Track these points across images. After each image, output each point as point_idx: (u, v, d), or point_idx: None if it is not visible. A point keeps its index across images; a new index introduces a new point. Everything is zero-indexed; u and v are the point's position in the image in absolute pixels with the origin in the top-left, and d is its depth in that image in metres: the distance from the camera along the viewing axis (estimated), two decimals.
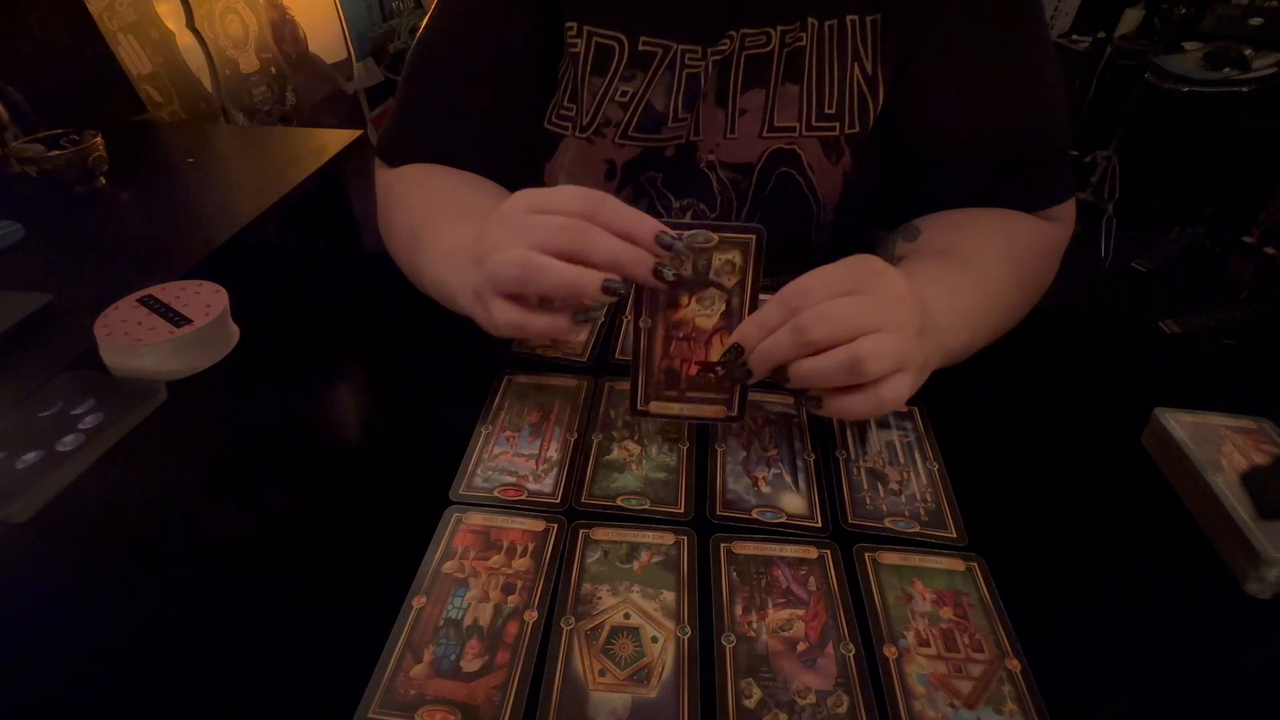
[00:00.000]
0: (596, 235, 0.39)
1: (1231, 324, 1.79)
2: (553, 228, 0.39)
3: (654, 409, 0.46)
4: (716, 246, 0.41)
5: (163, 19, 1.36)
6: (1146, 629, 0.38)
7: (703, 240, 0.41)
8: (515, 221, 0.40)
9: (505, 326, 0.41)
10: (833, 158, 0.60)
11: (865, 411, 0.40)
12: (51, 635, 0.36)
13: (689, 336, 0.44)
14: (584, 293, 0.39)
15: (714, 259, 0.42)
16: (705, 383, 0.45)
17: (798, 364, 0.39)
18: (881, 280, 0.39)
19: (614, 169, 0.62)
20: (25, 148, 0.96)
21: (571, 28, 0.57)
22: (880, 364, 0.37)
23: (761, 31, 0.56)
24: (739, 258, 0.42)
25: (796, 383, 0.40)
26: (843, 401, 0.40)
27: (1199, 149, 2.33)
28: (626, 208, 0.40)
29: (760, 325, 0.40)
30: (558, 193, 0.40)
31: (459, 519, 0.42)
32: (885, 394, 0.38)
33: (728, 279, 0.42)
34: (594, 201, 0.39)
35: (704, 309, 0.43)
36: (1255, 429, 0.47)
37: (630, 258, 0.39)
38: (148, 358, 0.52)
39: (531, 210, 0.40)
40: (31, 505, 0.42)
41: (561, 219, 0.39)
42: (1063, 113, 0.57)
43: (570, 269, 0.38)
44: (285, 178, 1.05)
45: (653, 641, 0.35)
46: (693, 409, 0.46)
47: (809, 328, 0.38)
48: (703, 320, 0.43)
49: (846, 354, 0.37)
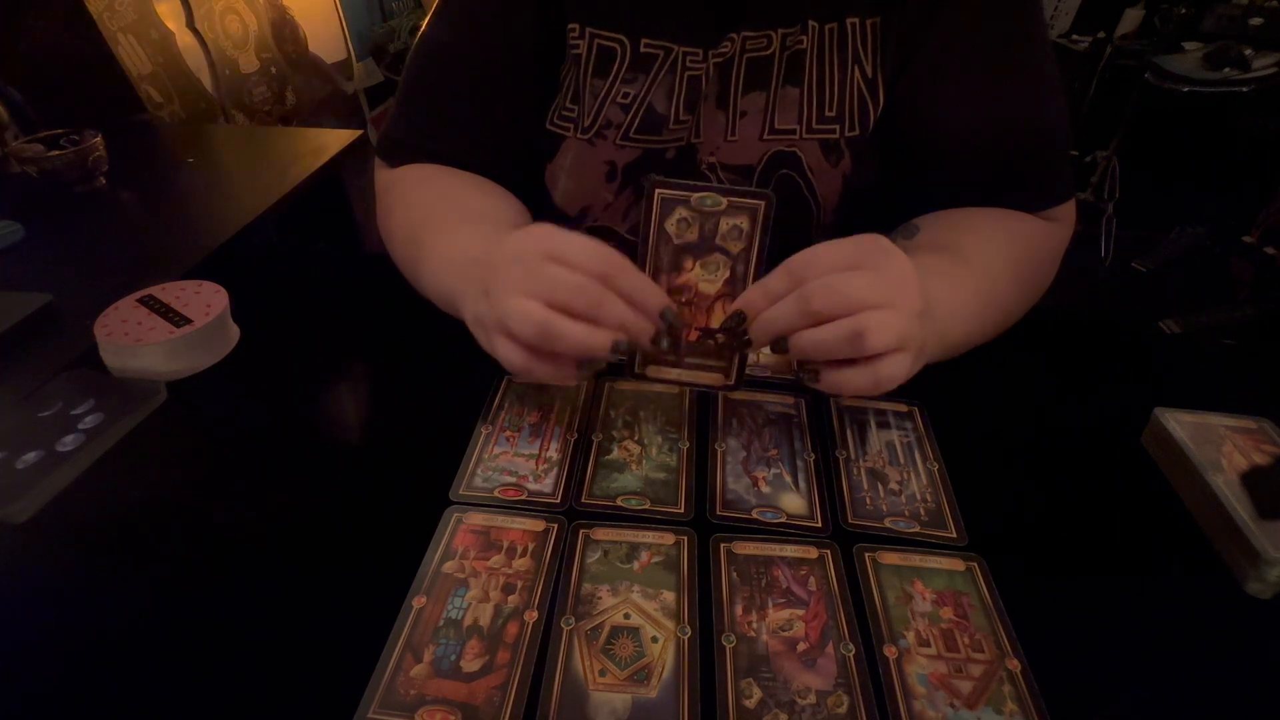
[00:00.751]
0: (610, 302, 0.39)
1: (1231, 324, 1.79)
2: (569, 287, 0.38)
3: (651, 373, 0.46)
4: (725, 210, 0.41)
5: (163, 19, 1.35)
6: (1146, 629, 0.38)
7: (711, 204, 0.41)
8: (530, 266, 0.39)
9: (508, 366, 0.41)
10: (833, 160, 0.60)
11: (861, 387, 0.39)
12: (51, 635, 0.36)
13: (691, 301, 0.43)
14: (594, 354, 0.40)
15: (721, 223, 0.42)
16: (705, 349, 0.45)
17: (800, 334, 0.39)
18: (888, 259, 0.39)
19: (615, 170, 0.62)
20: (25, 148, 0.96)
21: (574, 29, 0.57)
22: (882, 338, 0.37)
23: (762, 34, 0.56)
24: (746, 224, 0.41)
25: (796, 353, 0.40)
26: (840, 375, 0.40)
27: (1199, 149, 2.33)
28: (637, 273, 0.41)
29: (764, 293, 0.40)
30: (574, 244, 0.40)
31: (459, 519, 0.42)
32: (883, 371, 0.38)
33: (733, 245, 0.42)
34: (611, 265, 0.39)
35: (708, 274, 0.43)
36: (1255, 429, 0.47)
37: (635, 325, 0.40)
38: (148, 358, 0.52)
39: (549, 258, 0.39)
40: (31, 505, 0.42)
41: (579, 279, 0.39)
42: (1062, 113, 0.57)
43: (585, 332, 0.39)
44: (285, 178, 1.05)
45: (653, 641, 0.35)
46: (690, 375, 0.46)
47: (814, 297, 0.38)
48: (706, 285, 0.43)
49: (849, 326, 0.37)
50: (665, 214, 0.42)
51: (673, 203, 0.42)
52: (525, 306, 0.38)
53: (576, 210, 0.65)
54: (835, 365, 0.40)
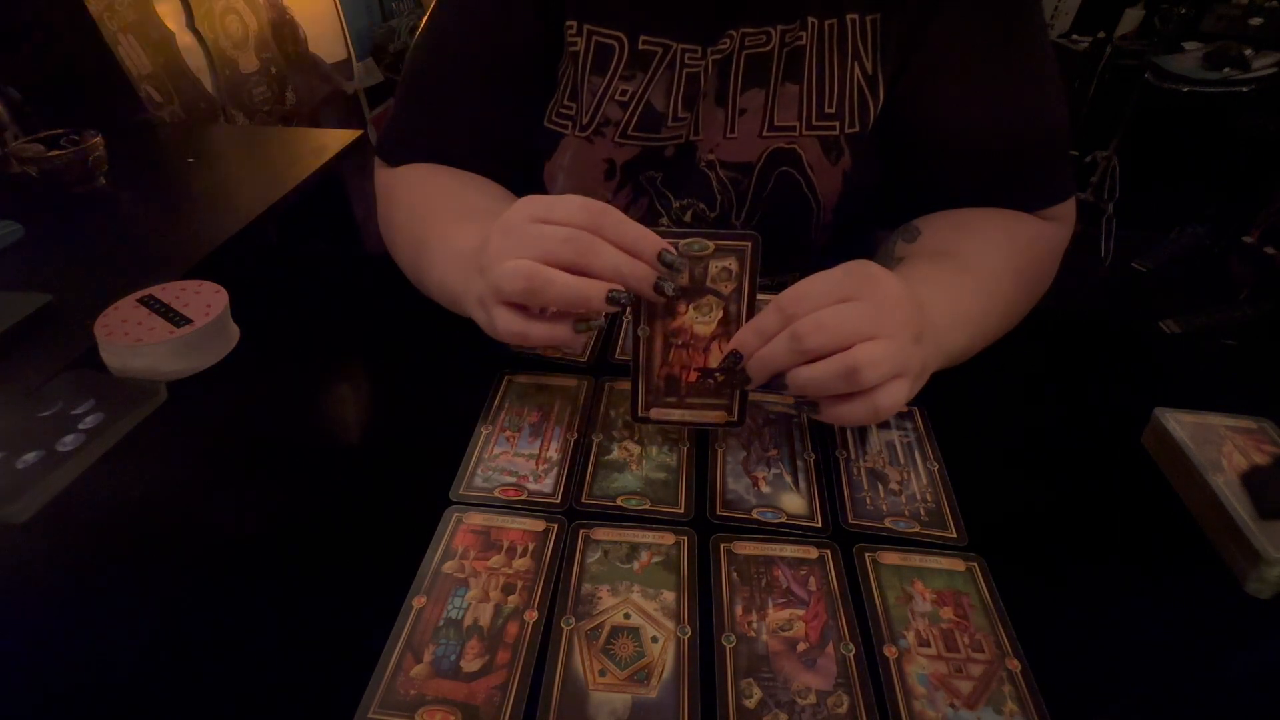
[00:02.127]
0: (600, 248, 0.39)
1: (1231, 324, 1.79)
2: (557, 239, 0.39)
3: (655, 415, 0.46)
4: (712, 254, 0.41)
5: (163, 19, 1.36)
6: (1146, 629, 0.38)
7: (699, 248, 0.41)
8: (518, 231, 0.40)
9: (507, 334, 0.41)
10: (832, 157, 0.60)
11: (862, 419, 0.40)
12: (51, 635, 0.36)
13: (687, 344, 0.44)
14: (588, 303, 0.39)
15: (710, 266, 0.42)
16: (705, 389, 0.45)
17: (795, 372, 0.39)
18: (878, 286, 0.39)
19: (613, 168, 0.62)
20: (25, 148, 0.96)
21: (571, 26, 0.57)
22: (877, 372, 0.37)
23: (761, 31, 0.56)
24: (735, 265, 0.42)
25: (794, 390, 0.40)
26: (840, 409, 0.40)
27: (1199, 149, 2.33)
28: (629, 221, 0.40)
29: (757, 332, 0.40)
30: (560, 202, 0.40)
31: (459, 519, 0.42)
32: (882, 401, 0.38)
33: (725, 286, 0.42)
34: (597, 213, 0.39)
35: (701, 316, 0.43)
36: (1255, 429, 0.47)
37: (633, 272, 0.39)
38: (148, 358, 0.52)
39: (534, 219, 0.40)
40: (31, 505, 0.42)
41: (566, 230, 0.39)
42: (1062, 112, 0.57)
43: (575, 280, 0.39)
44: (285, 178, 1.05)
45: (653, 641, 0.35)
46: (694, 415, 0.46)
47: (805, 335, 0.38)
48: (700, 327, 0.43)
49: (842, 362, 0.37)
50: None
51: None
52: (514, 264, 0.39)
53: None
54: (835, 398, 0.40)
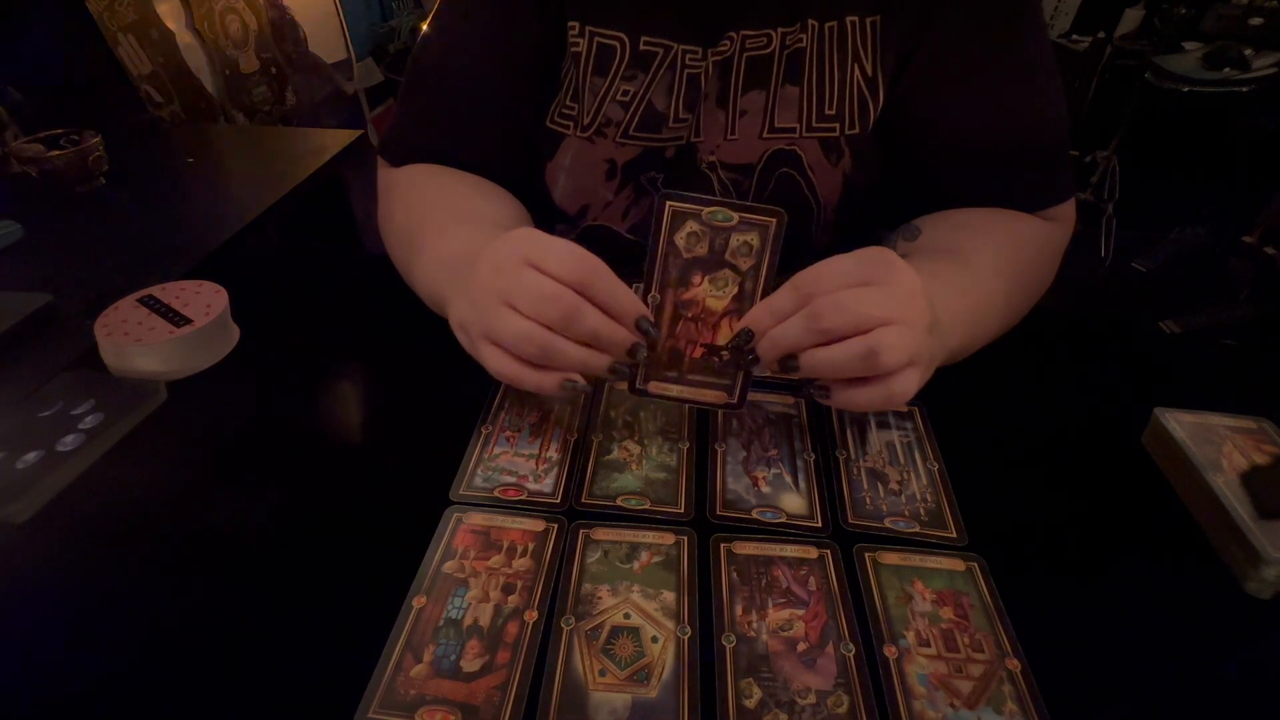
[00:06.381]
0: (585, 314, 0.39)
1: (1231, 324, 1.79)
2: (544, 298, 0.38)
3: (653, 389, 0.45)
4: (736, 226, 0.41)
5: (163, 19, 1.35)
6: (1146, 629, 0.38)
7: (722, 218, 0.41)
8: (509, 273, 0.39)
9: (496, 373, 0.41)
10: (833, 158, 0.60)
11: (874, 404, 0.39)
12: (51, 635, 0.36)
13: (697, 317, 0.43)
14: (591, 372, 0.41)
15: (732, 239, 0.41)
16: (708, 367, 0.44)
17: (811, 352, 0.39)
18: (896, 273, 0.39)
19: (614, 169, 0.62)
20: (25, 148, 0.96)
21: (573, 27, 0.57)
22: (896, 356, 0.37)
23: (762, 33, 0.56)
24: (757, 240, 0.41)
25: (806, 371, 0.39)
26: (852, 393, 0.39)
27: (1199, 149, 2.33)
28: (618, 283, 0.40)
29: (772, 311, 0.40)
30: (554, 251, 0.39)
31: (459, 519, 0.42)
32: (895, 387, 0.38)
33: (743, 261, 0.42)
34: (589, 271, 0.39)
35: (716, 290, 0.42)
36: (1255, 429, 0.47)
37: (609, 339, 0.40)
38: (148, 358, 0.52)
39: (527, 262, 0.39)
40: (31, 505, 0.42)
41: (554, 288, 0.38)
42: (1062, 113, 0.57)
43: (583, 354, 0.40)
44: (285, 178, 1.05)
45: (653, 641, 0.35)
46: (693, 392, 0.45)
47: (823, 314, 0.37)
48: (713, 301, 0.43)
49: (864, 344, 0.37)
50: (675, 227, 0.42)
51: (684, 216, 0.42)
52: (521, 326, 0.39)
53: (576, 209, 0.65)
54: (846, 382, 0.39)
